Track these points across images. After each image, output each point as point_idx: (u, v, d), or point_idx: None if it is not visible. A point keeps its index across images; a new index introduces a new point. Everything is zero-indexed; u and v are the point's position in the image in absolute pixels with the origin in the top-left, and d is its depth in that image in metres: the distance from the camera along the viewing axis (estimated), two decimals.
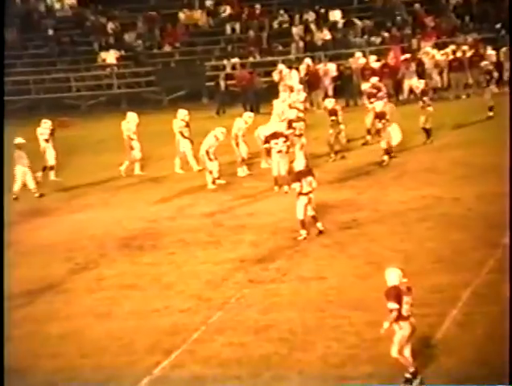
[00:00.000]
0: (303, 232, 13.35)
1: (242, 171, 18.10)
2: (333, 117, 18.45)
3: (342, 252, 12.78)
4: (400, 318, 8.69)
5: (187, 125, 19.46)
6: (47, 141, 19.40)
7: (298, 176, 13.40)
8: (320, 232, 13.42)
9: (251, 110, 26.48)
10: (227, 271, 12.51)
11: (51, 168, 19.48)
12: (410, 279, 9.00)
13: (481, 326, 9.70)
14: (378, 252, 12.54)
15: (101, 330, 10.97)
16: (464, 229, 13.03)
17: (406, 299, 8.71)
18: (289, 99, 21.13)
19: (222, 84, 27.48)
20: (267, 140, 16.84)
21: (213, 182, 17.46)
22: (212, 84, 28.28)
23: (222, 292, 11.76)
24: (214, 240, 14.05)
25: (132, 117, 19.51)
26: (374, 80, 22.31)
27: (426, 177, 16.47)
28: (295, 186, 13.35)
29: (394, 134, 17.97)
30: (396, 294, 8.66)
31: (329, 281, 11.69)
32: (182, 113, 19.69)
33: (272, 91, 27.21)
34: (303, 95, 22.71)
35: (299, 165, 13.60)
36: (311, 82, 26.63)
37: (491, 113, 20.65)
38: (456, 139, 19.04)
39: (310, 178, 13.34)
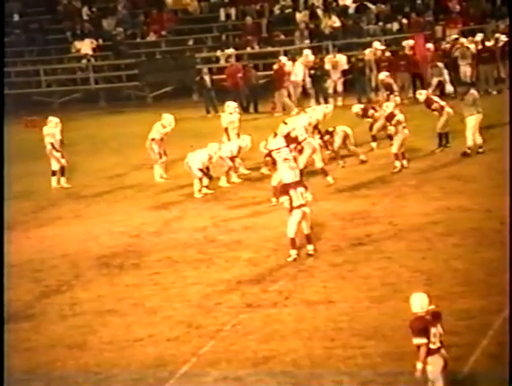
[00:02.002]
0: (293, 253, 13.41)
1: (226, 181, 18.08)
2: (327, 137, 18.52)
3: (354, 272, 12.78)
4: (428, 352, 8.64)
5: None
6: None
7: (285, 188, 13.47)
8: (310, 255, 13.45)
9: (246, 109, 26.56)
10: (221, 294, 12.50)
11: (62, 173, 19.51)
12: (433, 304, 8.97)
13: None
14: (396, 272, 12.53)
15: (74, 364, 10.93)
16: (497, 246, 13.01)
17: (433, 331, 8.67)
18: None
19: (207, 78, 27.50)
20: (269, 152, 17.18)
21: (200, 191, 17.53)
22: (198, 79, 28.17)
23: (215, 318, 11.74)
24: (206, 257, 14.05)
25: (169, 121, 19.26)
26: (383, 75, 22.39)
27: (451, 185, 16.48)
28: (283, 199, 13.42)
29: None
30: (422, 327, 8.63)
31: (339, 306, 11.68)
32: (231, 106, 19.67)
33: (273, 86, 27.28)
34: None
35: (287, 177, 13.67)
36: (274, 80, 26.63)
37: None
38: (486, 142, 19.05)
39: (301, 189, 13.38)
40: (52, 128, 19.63)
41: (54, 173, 19.47)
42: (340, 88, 26.86)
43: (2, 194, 17.52)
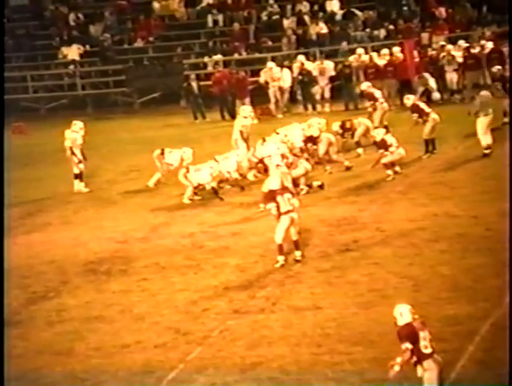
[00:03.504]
0: (281, 259, 13.42)
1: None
2: (309, 144, 18.45)
3: (341, 277, 12.79)
4: (422, 357, 8.65)
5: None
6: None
7: (272, 195, 13.49)
8: (297, 261, 13.49)
9: (231, 116, 26.47)
10: (208, 300, 12.49)
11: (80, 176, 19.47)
12: (420, 310, 9.01)
13: (502, 365, 9.70)
14: (383, 278, 12.55)
15: (62, 370, 10.90)
16: (483, 252, 13.06)
17: (422, 334, 8.70)
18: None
19: (194, 84, 27.51)
20: (261, 158, 17.23)
21: (189, 198, 17.50)
22: (185, 85, 28.09)
23: (203, 324, 11.73)
24: (193, 263, 14.04)
25: (188, 156, 18.45)
26: (365, 85, 22.39)
27: (438, 191, 16.53)
28: (270, 206, 13.45)
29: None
30: (409, 333, 8.66)
31: (326, 312, 11.68)
32: (247, 110, 19.72)
33: (259, 93, 27.35)
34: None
35: (274, 184, 13.69)
36: (236, 88, 26.57)
37: (506, 119, 20.97)
38: (472, 149, 19.14)
39: (288, 195, 13.41)
40: (75, 132, 19.47)
41: (76, 176, 19.36)
42: (327, 94, 26.91)
43: (2, 199, 17.51)
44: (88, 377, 10.65)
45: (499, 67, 22.60)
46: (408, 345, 8.63)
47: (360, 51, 27.07)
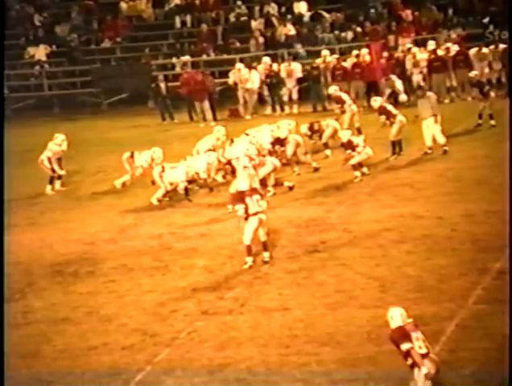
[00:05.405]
0: (249, 260, 13.44)
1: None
2: (277, 147, 18.43)
3: (309, 278, 12.82)
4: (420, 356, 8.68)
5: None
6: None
7: (240, 196, 13.50)
8: (265, 262, 13.52)
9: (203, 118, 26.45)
10: (176, 301, 12.47)
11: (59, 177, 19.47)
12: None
13: (468, 365, 9.78)
14: (350, 278, 12.60)
15: (28, 373, 10.83)
16: (449, 253, 13.16)
17: (415, 335, 8.71)
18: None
19: (162, 85, 27.42)
20: (229, 160, 17.25)
21: (158, 199, 17.42)
22: (153, 85, 27.99)
23: (171, 325, 11.71)
24: (161, 265, 14.01)
25: (158, 156, 18.35)
26: (332, 89, 22.49)
27: (404, 193, 16.63)
28: (239, 207, 13.46)
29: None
30: (401, 335, 8.67)
31: (294, 313, 11.71)
32: (221, 132, 19.47)
33: (228, 94, 27.35)
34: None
35: (242, 185, 13.70)
36: (195, 91, 26.58)
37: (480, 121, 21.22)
38: (437, 150, 19.28)
39: (257, 197, 13.44)
40: (57, 145, 19.45)
41: (51, 180, 19.34)
42: (295, 95, 26.95)
43: (2, 196, 17.37)
44: (54, 379, 10.59)
45: (476, 72, 22.78)
46: (409, 344, 8.61)
47: (324, 52, 27.15)
